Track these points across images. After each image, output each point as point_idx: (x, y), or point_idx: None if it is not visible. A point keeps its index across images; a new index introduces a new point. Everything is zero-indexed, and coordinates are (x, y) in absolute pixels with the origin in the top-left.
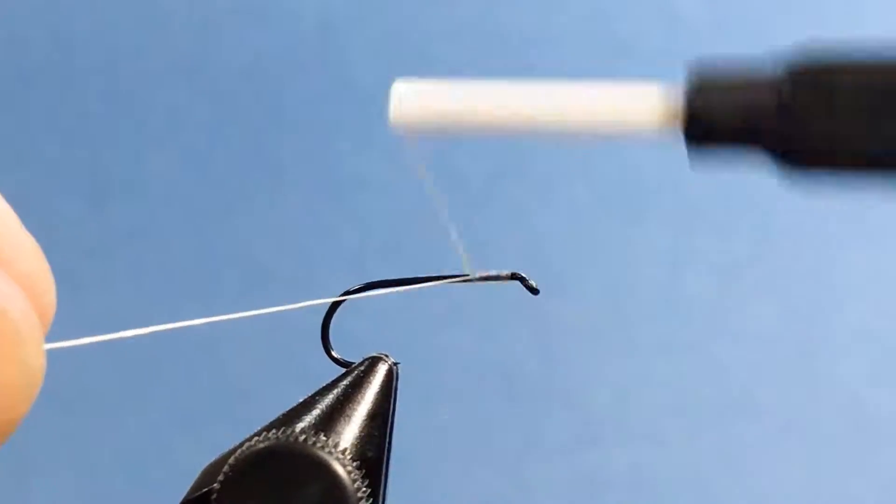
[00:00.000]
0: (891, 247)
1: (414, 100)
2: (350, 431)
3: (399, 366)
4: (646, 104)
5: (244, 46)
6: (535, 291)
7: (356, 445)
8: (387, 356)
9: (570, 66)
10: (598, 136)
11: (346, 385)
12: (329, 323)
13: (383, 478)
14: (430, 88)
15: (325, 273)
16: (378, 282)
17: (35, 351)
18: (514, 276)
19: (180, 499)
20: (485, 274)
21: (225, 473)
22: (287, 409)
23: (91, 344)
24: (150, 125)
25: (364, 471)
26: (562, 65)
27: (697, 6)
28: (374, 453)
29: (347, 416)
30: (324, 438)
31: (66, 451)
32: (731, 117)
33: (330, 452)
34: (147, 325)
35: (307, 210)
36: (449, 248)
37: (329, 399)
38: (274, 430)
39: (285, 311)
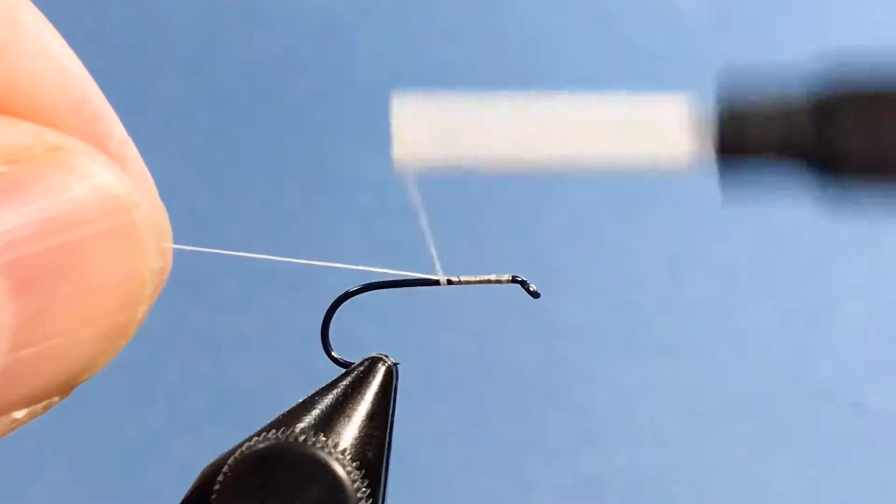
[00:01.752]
0: (891, 247)
1: (418, 118)
2: (350, 431)
3: (399, 366)
4: (671, 115)
5: (244, 46)
6: (535, 295)
7: (356, 445)
8: (387, 356)
9: (570, 66)
10: (616, 156)
11: (346, 385)
12: (329, 323)
13: (383, 478)
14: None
15: (324, 273)
16: (377, 283)
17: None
18: (514, 280)
19: (180, 499)
20: (485, 277)
21: (225, 473)
22: (287, 409)
23: None
24: (150, 125)
25: (364, 471)
26: (562, 65)
27: (698, 6)
28: (374, 453)
29: (347, 416)
30: (324, 438)
31: (66, 451)
32: (765, 126)
33: (330, 452)
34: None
35: (307, 210)
36: (449, 249)
37: (329, 399)
38: (274, 430)
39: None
